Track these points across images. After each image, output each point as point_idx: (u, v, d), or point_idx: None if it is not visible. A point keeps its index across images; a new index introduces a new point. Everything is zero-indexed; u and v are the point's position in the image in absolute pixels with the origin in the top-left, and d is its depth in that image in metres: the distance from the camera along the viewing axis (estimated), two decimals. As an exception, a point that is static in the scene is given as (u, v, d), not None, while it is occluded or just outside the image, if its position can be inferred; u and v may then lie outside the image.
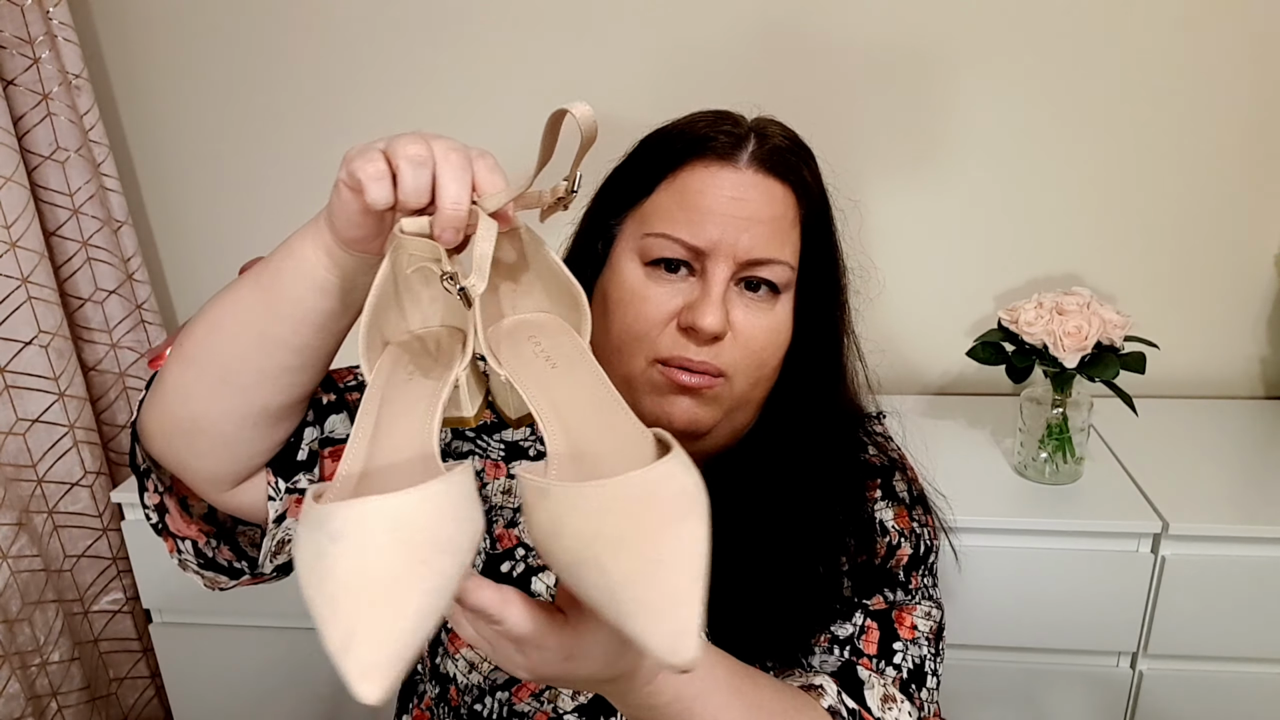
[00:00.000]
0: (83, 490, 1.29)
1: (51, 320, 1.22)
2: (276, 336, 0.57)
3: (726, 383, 0.70)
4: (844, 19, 1.26)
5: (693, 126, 0.73)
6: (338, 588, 0.36)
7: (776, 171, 0.71)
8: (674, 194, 0.70)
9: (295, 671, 1.28)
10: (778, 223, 0.70)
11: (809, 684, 0.67)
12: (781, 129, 0.75)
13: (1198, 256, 1.33)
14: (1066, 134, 1.28)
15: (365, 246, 0.54)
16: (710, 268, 0.68)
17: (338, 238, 0.54)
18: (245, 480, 0.64)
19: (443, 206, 0.49)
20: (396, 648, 0.35)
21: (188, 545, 0.68)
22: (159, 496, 0.67)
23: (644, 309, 0.70)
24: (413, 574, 0.37)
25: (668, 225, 0.69)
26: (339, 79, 1.35)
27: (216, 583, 0.71)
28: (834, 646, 0.72)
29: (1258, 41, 1.22)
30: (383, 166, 0.49)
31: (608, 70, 1.30)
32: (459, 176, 0.49)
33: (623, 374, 0.71)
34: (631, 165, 0.75)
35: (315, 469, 0.67)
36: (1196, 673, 1.10)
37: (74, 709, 1.32)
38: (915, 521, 0.78)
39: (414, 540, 0.38)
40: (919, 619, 0.74)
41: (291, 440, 0.66)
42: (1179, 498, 1.09)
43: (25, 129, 1.23)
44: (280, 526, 0.66)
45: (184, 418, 0.60)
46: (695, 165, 0.70)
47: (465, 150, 0.50)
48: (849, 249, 0.78)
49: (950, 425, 1.31)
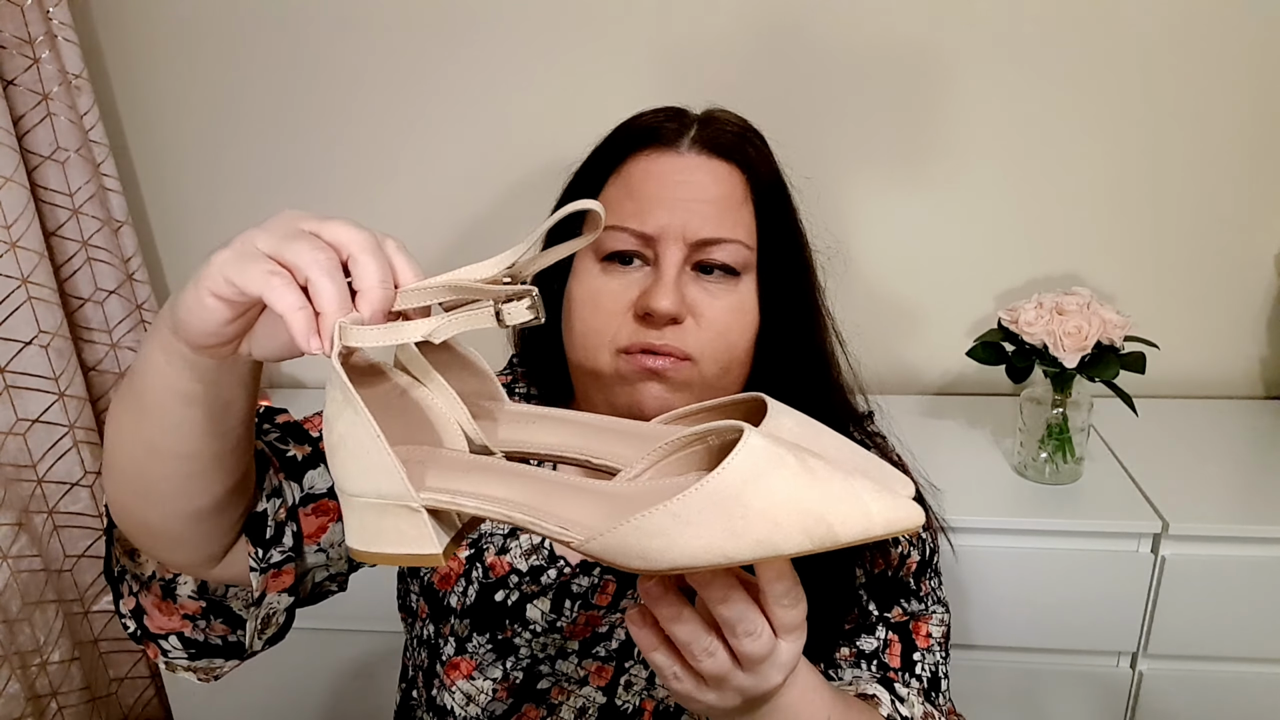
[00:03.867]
0: (83, 490, 1.29)
1: (51, 320, 1.22)
2: (165, 448, 0.53)
3: (694, 367, 0.69)
4: (844, 19, 1.25)
5: (636, 121, 0.74)
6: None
7: (720, 152, 0.71)
8: (620, 186, 0.71)
9: (295, 671, 1.28)
10: (725, 201, 0.70)
11: (864, 693, 0.67)
12: (728, 114, 0.75)
13: (1198, 256, 1.33)
14: (1067, 134, 1.28)
15: (219, 352, 0.48)
16: (662, 252, 0.69)
17: (189, 345, 0.48)
18: (225, 555, 0.62)
19: (370, 288, 0.43)
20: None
21: (172, 641, 0.65)
22: (134, 599, 0.64)
23: (601, 302, 0.70)
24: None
25: (616, 216, 0.70)
26: (339, 79, 1.35)
27: (210, 672, 0.68)
28: (860, 661, 0.72)
29: (1258, 41, 1.22)
30: (288, 279, 0.43)
31: (607, 72, 1.30)
32: (378, 259, 0.44)
33: (591, 370, 0.72)
34: (584, 168, 0.76)
35: (285, 539, 0.64)
36: (1196, 673, 1.10)
37: (74, 709, 1.32)
38: (921, 527, 0.78)
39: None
40: (933, 627, 0.75)
41: (263, 509, 0.63)
42: (1179, 498, 1.09)
43: (25, 129, 1.23)
44: (262, 605, 0.64)
45: (134, 526, 0.58)
46: (638, 156, 0.71)
47: (368, 232, 0.45)
48: (815, 230, 0.78)
49: (950, 425, 1.31)
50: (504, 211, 1.39)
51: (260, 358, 0.50)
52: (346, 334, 0.42)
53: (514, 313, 0.44)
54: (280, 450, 0.67)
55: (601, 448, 0.52)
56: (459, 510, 0.45)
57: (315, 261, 0.43)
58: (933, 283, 1.38)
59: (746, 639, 0.47)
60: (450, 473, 0.47)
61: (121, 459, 0.55)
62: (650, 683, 0.74)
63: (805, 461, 0.43)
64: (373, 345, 0.43)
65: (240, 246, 0.44)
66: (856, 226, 1.34)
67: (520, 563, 0.75)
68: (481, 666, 0.75)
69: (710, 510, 0.41)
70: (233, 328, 0.47)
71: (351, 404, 0.42)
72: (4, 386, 1.20)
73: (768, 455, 0.42)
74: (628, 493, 0.47)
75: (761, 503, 0.41)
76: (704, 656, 0.48)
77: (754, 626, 0.47)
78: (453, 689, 0.75)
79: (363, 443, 0.43)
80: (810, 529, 0.41)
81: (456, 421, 0.49)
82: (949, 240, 1.35)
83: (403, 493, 0.43)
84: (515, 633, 0.74)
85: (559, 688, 0.74)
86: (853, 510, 0.41)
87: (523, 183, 1.36)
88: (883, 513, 0.42)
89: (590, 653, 0.74)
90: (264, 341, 0.49)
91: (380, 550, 0.45)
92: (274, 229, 0.45)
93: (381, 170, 1.40)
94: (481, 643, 0.75)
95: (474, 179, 1.38)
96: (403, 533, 0.44)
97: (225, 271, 0.44)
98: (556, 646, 0.74)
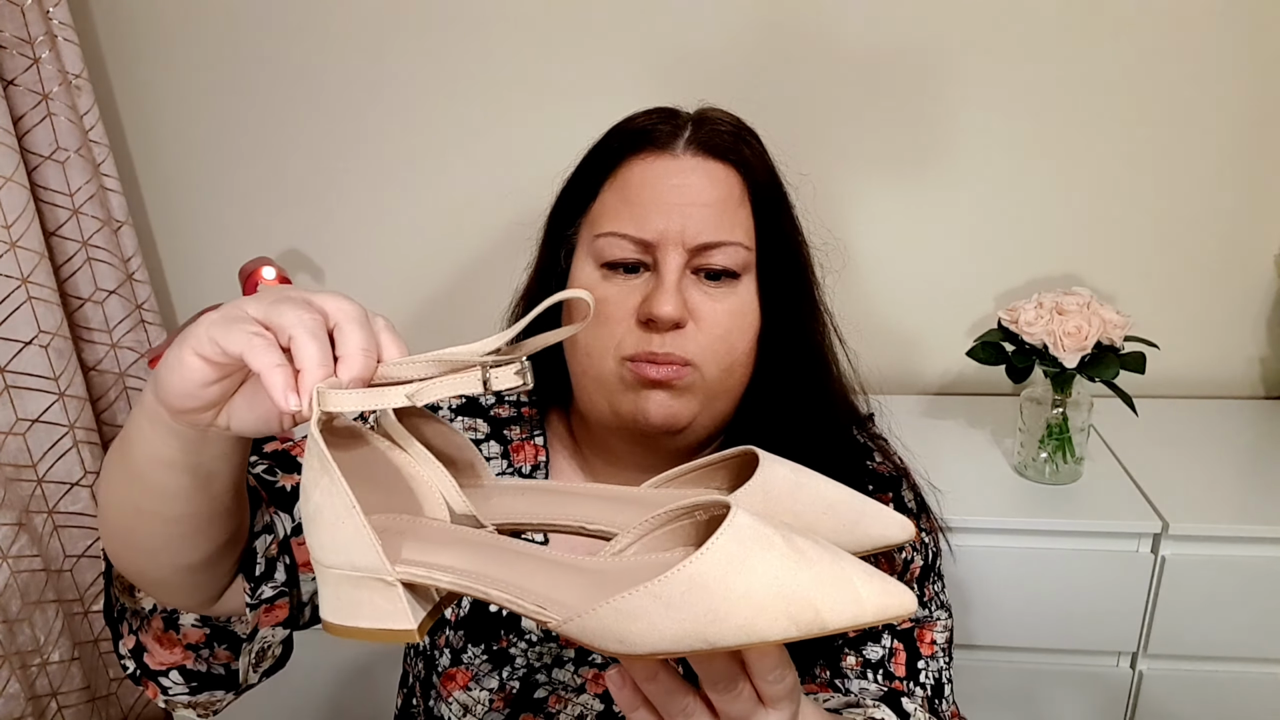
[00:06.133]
0: (83, 490, 1.29)
1: (51, 320, 1.22)
2: (151, 511, 0.53)
3: (696, 371, 0.69)
4: (844, 19, 1.25)
5: (629, 124, 0.74)
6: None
7: (715, 153, 0.71)
8: (617, 191, 0.71)
9: (295, 671, 1.28)
10: (724, 204, 0.69)
11: (871, 717, 0.67)
12: (721, 113, 0.75)
13: (1198, 256, 1.33)
14: (1067, 134, 1.28)
15: (197, 419, 0.48)
16: (662, 258, 0.68)
17: (168, 409, 0.48)
18: (222, 595, 0.62)
19: (352, 354, 0.43)
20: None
21: (173, 676, 0.64)
22: (134, 639, 0.64)
23: (603, 309, 0.70)
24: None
25: (614, 223, 0.70)
26: (338, 79, 1.35)
27: (210, 706, 0.67)
28: (867, 670, 0.72)
29: (1257, 41, 1.22)
30: (270, 340, 0.43)
31: (607, 73, 1.30)
32: (364, 329, 0.45)
33: (595, 377, 0.71)
34: (577, 172, 0.76)
35: (277, 574, 0.64)
36: (1196, 673, 1.10)
37: (74, 709, 1.32)
38: (923, 531, 0.78)
39: None
40: (937, 633, 0.75)
41: (253, 547, 0.63)
42: (1179, 498, 1.09)
43: (25, 129, 1.23)
44: (255, 640, 0.64)
45: (128, 573, 0.59)
46: (633, 160, 0.71)
47: (358, 306, 0.46)
48: (812, 226, 0.77)
49: (950, 425, 1.31)
50: (505, 212, 1.39)
51: (239, 431, 0.49)
52: (325, 399, 0.41)
53: (501, 378, 0.43)
54: (269, 482, 0.67)
55: (594, 514, 0.51)
56: (434, 585, 0.44)
57: (300, 321, 0.43)
58: (933, 282, 1.37)
59: (728, 696, 0.46)
60: (428, 545, 0.46)
61: (113, 515, 0.55)
62: None
63: (793, 542, 0.41)
64: (352, 409, 0.42)
65: (229, 311, 0.45)
66: (857, 226, 1.34)
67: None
68: (478, 677, 0.74)
69: (693, 593, 0.39)
70: (210, 391, 0.46)
71: (328, 472, 0.42)
72: (4, 386, 1.20)
73: (754, 536, 0.40)
74: (610, 569, 0.45)
75: (745, 586, 0.39)
76: (681, 717, 0.48)
77: (735, 684, 0.46)
78: (449, 700, 0.75)
79: (338, 513, 0.42)
80: (796, 615, 0.39)
81: (438, 490, 0.48)
82: (949, 240, 1.35)
83: (377, 565, 0.42)
84: (510, 643, 0.74)
85: (556, 696, 0.74)
86: (842, 596, 0.39)
87: (524, 184, 1.36)
88: (873, 598, 0.40)
89: (586, 660, 0.74)
90: (243, 413, 0.48)
91: (354, 624, 0.44)
92: (264, 297, 0.45)
93: (381, 168, 1.40)
94: (477, 654, 0.74)
95: (476, 181, 1.38)
96: (377, 606, 0.43)
97: (211, 332, 0.44)
98: (552, 655, 0.74)
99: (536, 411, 0.82)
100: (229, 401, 0.48)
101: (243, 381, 0.48)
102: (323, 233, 1.45)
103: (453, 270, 1.44)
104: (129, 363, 1.39)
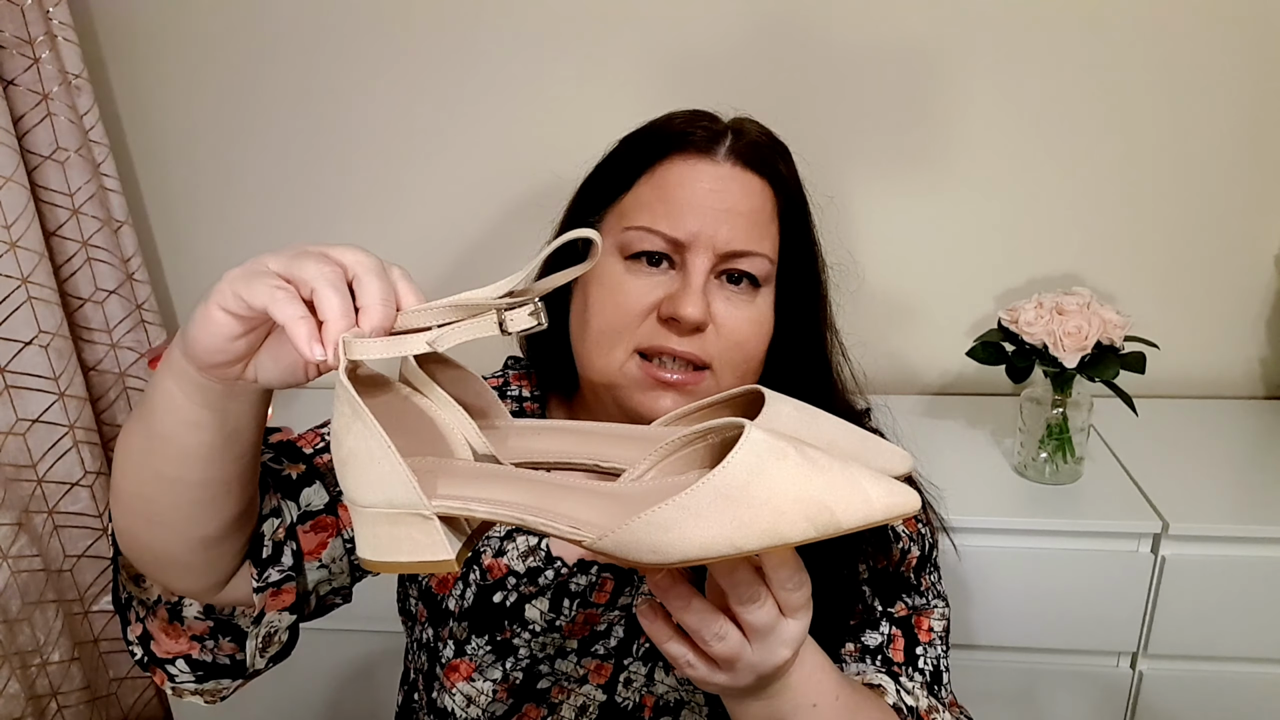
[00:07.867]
0: (83, 490, 1.29)
1: (51, 320, 1.22)
2: (172, 476, 0.54)
3: (711, 376, 0.70)
4: (843, 19, 1.25)
5: (670, 123, 0.74)
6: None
7: (754, 165, 0.71)
8: (653, 187, 0.71)
9: (295, 671, 1.28)
10: (756, 215, 0.70)
11: (870, 683, 0.68)
12: (758, 126, 0.76)
13: (1198, 256, 1.33)
14: (1067, 134, 1.28)
15: (226, 372, 0.50)
16: (690, 259, 0.69)
17: (197, 365, 0.49)
18: (230, 580, 0.63)
19: (372, 305, 0.44)
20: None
21: (180, 665, 0.65)
22: (140, 626, 0.65)
23: (624, 301, 0.70)
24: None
25: (647, 218, 0.70)
26: (338, 79, 1.35)
27: (217, 693, 0.68)
28: (865, 656, 0.72)
29: (1257, 40, 1.22)
30: (292, 293, 0.45)
31: (606, 74, 1.30)
32: (382, 280, 0.46)
33: (601, 368, 0.71)
34: (611, 162, 0.76)
35: (284, 558, 0.65)
36: (1196, 673, 1.10)
37: (74, 709, 1.32)
38: (920, 522, 0.79)
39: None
40: (935, 621, 0.75)
41: (261, 530, 0.64)
42: (1179, 498, 1.09)
43: (25, 129, 1.23)
44: (262, 624, 0.65)
45: (140, 552, 0.60)
46: (674, 159, 0.71)
47: (375, 258, 0.47)
48: (830, 245, 0.79)
49: (950, 425, 1.31)
50: (505, 211, 1.40)
51: (265, 383, 0.51)
52: (350, 348, 0.43)
53: (517, 319, 0.45)
54: (275, 470, 0.68)
55: (608, 451, 0.53)
56: (471, 515, 0.46)
57: (321, 274, 0.45)
58: (933, 283, 1.38)
59: (752, 607, 0.49)
60: (460, 480, 0.48)
61: (130, 486, 0.56)
62: (649, 679, 0.74)
63: (805, 452, 0.44)
64: (377, 357, 0.44)
65: (251, 266, 0.47)
66: (857, 226, 1.34)
67: (517, 564, 0.75)
68: (481, 668, 0.75)
69: (718, 503, 0.42)
70: (238, 344, 0.48)
71: (360, 417, 0.43)
72: (4, 386, 1.20)
73: (770, 448, 0.43)
74: (633, 492, 0.48)
75: (766, 493, 0.42)
76: (715, 641, 0.50)
77: (758, 595, 0.49)
78: (453, 691, 0.75)
79: (373, 454, 0.44)
80: (814, 517, 0.42)
81: (461, 433, 0.50)
82: (949, 240, 1.35)
83: (415, 501, 0.44)
84: (514, 633, 0.74)
85: (559, 687, 0.75)
86: (854, 497, 0.43)
87: (524, 186, 1.36)
88: (882, 498, 0.43)
89: (589, 651, 0.74)
90: (269, 365, 0.50)
91: (393, 559, 0.46)
92: (284, 252, 0.47)
93: (383, 167, 1.40)
94: (480, 644, 0.75)
95: (475, 176, 1.38)
96: (415, 541, 0.45)
97: (234, 287, 0.46)
98: (555, 646, 0.74)
99: (538, 406, 0.82)
100: (255, 355, 0.50)
101: (268, 335, 0.50)
102: (323, 232, 1.45)
103: (453, 270, 1.44)
104: (129, 363, 1.39)
